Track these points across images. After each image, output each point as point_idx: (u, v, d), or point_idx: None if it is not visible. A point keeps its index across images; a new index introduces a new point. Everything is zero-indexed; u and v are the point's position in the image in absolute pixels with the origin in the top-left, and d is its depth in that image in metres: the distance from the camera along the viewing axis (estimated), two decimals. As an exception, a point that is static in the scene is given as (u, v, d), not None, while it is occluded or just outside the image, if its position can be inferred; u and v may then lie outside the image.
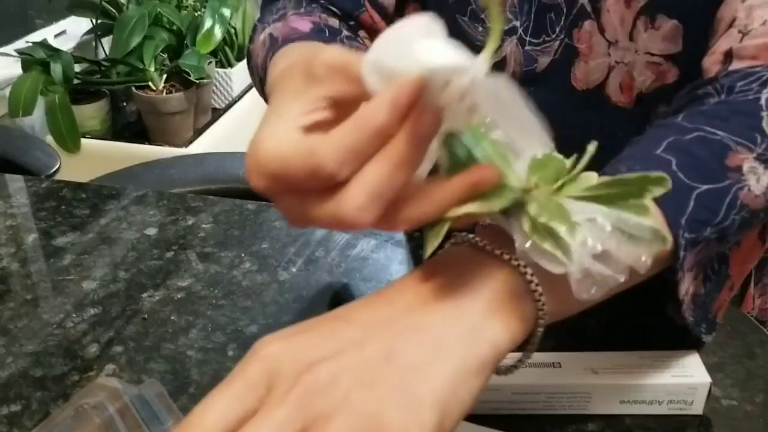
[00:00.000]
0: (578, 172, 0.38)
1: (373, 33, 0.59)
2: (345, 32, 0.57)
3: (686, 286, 0.44)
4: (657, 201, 0.38)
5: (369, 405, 0.31)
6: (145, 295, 0.64)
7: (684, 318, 0.46)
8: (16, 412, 0.52)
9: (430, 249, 0.36)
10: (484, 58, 0.33)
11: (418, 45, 0.32)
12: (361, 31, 0.61)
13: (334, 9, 0.61)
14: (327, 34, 0.54)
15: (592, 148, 0.37)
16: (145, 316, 0.61)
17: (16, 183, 0.84)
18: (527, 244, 0.35)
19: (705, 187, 0.41)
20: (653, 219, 0.36)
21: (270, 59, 0.50)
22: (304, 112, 0.35)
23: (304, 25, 0.55)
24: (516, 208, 0.36)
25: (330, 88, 0.35)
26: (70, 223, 0.75)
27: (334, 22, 0.59)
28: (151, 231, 0.74)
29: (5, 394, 0.53)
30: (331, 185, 0.33)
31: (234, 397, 0.32)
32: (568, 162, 0.38)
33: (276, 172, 0.34)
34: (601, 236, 0.35)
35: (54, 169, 1.09)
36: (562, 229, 0.34)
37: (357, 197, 0.33)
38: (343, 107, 0.35)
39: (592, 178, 0.38)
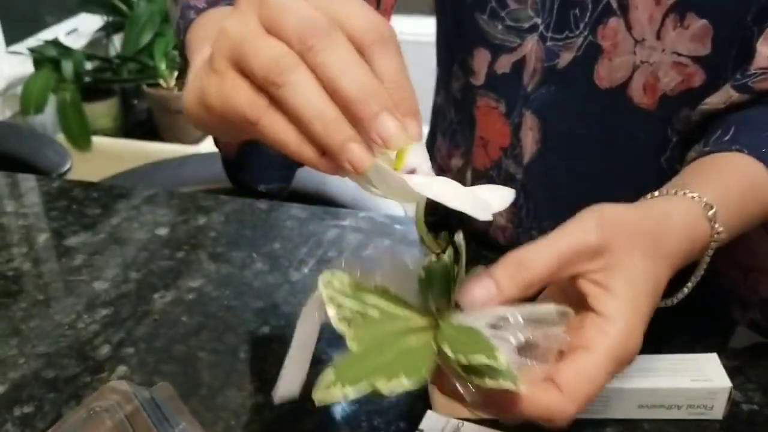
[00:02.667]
0: (463, 272, 0.37)
1: None
2: None
3: None
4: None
5: None
6: (156, 295, 0.64)
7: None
8: (28, 413, 0.51)
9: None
10: None
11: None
12: None
13: None
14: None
15: (459, 239, 0.37)
16: (156, 317, 0.61)
17: (27, 183, 0.84)
18: (471, 394, 0.34)
19: None
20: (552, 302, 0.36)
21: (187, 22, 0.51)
22: None
23: None
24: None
25: None
26: (81, 223, 0.75)
27: None
28: (162, 231, 0.73)
29: (18, 395, 0.53)
30: None
31: None
32: (447, 256, 0.37)
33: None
34: (518, 330, 0.35)
35: (65, 169, 1.09)
36: (485, 360, 0.33)
37: None
38: None
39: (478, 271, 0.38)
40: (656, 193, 0.43)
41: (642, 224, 0.39)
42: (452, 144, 0.69)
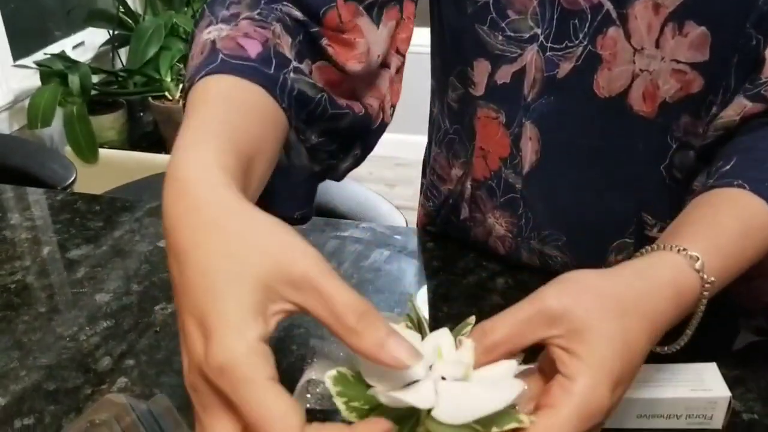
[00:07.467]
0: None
1: (337, 36, 0.53)
2: (294, 64, 0.49)
3: None
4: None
5: None
6: (157, 307, 0.64)
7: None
8: (29, 425, 0.52)
9: None
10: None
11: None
12: (323, 39, 0.53)
13: (295, 13, 0.52)
14: (272, 68, 0.46)
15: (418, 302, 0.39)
16: (158, 328, 0.61)
17: (31, 195, 0.85)
18: None
19: None
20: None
21: (200, 74, 0.44)
22: (261, 335, 0.33)
23: (253, 46, 0.47)
24: None
25: (298, 300, 0.34)
26: (84, 236, 0.75)
27: (287, 42, 0.50)
28: (164, 243, 0.73)
29: (19, 407, 0.53)
30: None
31: None
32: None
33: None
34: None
35: (70, 181, 1.09)
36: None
37: None
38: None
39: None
40: (647, 248, 0.44)
41: (607, 287, 0.39)
42: (450, 154, 0.69)
